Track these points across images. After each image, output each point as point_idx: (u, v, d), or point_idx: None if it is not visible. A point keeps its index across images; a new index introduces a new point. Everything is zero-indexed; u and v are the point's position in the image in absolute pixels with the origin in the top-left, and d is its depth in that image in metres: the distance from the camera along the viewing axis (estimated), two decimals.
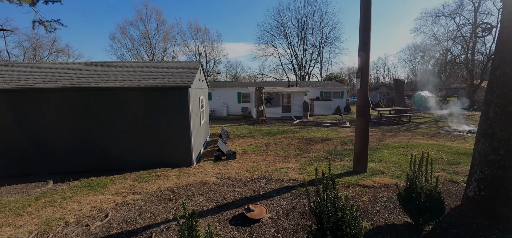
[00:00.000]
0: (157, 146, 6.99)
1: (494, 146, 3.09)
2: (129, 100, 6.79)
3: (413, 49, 42.86)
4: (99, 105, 6.72)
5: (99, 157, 6.84)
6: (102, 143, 6.81)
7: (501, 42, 3.05)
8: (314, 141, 10.30)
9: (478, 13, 23.98)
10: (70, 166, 6.73)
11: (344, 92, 24.67)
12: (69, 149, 6.73)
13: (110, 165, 6.82)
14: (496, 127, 3.07)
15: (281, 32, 40.74)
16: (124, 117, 6.82)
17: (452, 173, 5.55)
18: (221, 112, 21.87)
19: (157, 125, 6.91)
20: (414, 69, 50.82)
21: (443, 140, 10.14)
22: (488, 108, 3.19)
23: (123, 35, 40.23)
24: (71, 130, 6.68)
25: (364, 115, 5.55)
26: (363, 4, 5.27)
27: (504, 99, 2.99)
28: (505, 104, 2.98)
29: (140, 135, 6.92)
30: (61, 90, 6.49)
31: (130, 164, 6.84)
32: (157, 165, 6.83)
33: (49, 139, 6.62)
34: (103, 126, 6.77)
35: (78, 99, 6.64)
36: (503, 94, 3.00)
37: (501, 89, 3.01)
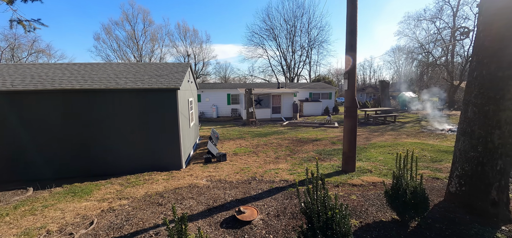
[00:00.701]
0: (145, 149, 6.81)
1: (473, 143, 3.26)
2: (115, 102, 6.58)
3: (397, 51, 44.50)
4: (83, 108, 6.46)
5: (83, 162, 6.57)
6: (86, 148, 6.55)
7: (478, 45, 3.22)
8: (304, 141, 10.42)
9: (457, 18, 25.29)
10: (52, 172, 6.42)
11: (332, 93, 25.17)
12: (50, 155, 6.42)
13: (96, 170, 6.56)
14: (475, 126, 3.24)
15: (270, 34, 41.05)
16: (110, 120, 6.60)
17: (435, 170, 5.79)
18: (210, 114, 21.67)
19: (144, 128, 6.74)
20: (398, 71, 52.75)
21: (426, 138, 10.57)
22: (467, 108, 3.36)
23: (108, 35, 38.96)
24: (53, 135, 6.37)
25: (351, 115, 5.68)
26: (349, 8, 5.41)
27: (481, 99, 3.15)
28: (482, 103, 3.15)
29: (127, 138, 6.71)
30: (42, 92, 6.19)
31: (117, 169, 6.62)
32: (145, 169, 6.64)
33: (28, 144, 6.28)
34: (87, 130, 6.51)
35: (59, 102, 6.35)
36: (480, 94, 3.17)
37: (479, 89, 3.18)
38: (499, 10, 2.96)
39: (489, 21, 3.07)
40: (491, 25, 3.04)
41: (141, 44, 40.46)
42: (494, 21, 3.02)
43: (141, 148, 6.79)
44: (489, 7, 3.07)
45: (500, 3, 2.95)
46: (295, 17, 40.17)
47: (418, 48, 29.81)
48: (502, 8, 2.94)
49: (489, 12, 3.06)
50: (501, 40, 2.96)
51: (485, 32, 3.11)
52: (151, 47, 41.44)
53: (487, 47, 3.09)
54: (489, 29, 3.07)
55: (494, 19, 3.02)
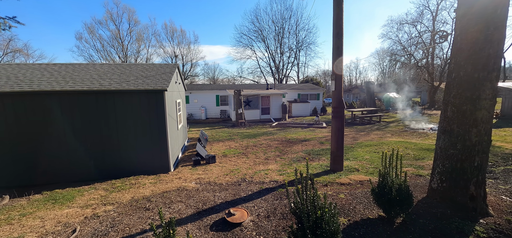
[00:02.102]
0: (131, 153, 6.60)
1: (453, 141, 3.42)
2: (99, 104, 6.33)
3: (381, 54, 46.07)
4: (64, 111, 6.16)
5: (65, 167, 6.26)
6: (69, 152, 6.25)
7: (456, 48, 3.40)
8: (293, 142, 10.52)
9: (436, 22, 26.61)
10: (31, 179, 6.06)
11: (320, 94, 25.63)
12: (29, 160, 6.06)
13: (79, 175, 6.28)
14: (454, 124, 3.41)
15: (259, 36, 41.21)
16: (95, 124, 6.34)
17: (418, 167, 6.03)
18: (199, 116, 21.38)
19: (130, 131, 6.53)
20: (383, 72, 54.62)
21: (409, 137, 11.00)
22: (446, 107, 3.53)
23: (91, 35, 37.40)
24: (32, 139, 6.03)
25: (339, 116, 5.81)
26: (335, 11, 5.54)
27: (459, 99, 3.33)
28: (460, 103, 3.32)
29: (113, 142, 6.48)
30: (19, 94, 5.84)
31: (102, 173, 6.36)
32: (131, 173, 6.44)
33: (4, 150, 5.90)
34: (70, 133, 6.21)
35: (39, 104, 6.02)
36: (458, 94, 3.34)
37: (457, 90, 3.35)
38: (474, 16, 3.14)
39: (465, 25, 3.25)
40: (467, 30, 3.22)
41: (126, 44, 39.22)
42: (469, 26, 3.19)
43: (127, 151, 6.57)
44: (465, 13, 3.25)
45: (475, 9, 3.13)
46: (283, 19, 40.64)
47: (400, 51, 31.03)
48: (476, 14, 3.12)
49: (465, 18, 3.24)
50: (476, 43, 3.13)
51: (462, 36, 3.28)
52: (137, 47, 40.26)
53: (464, 50, 3.26)
54: (466, 33, 3.24)
55: (469, 24, 3.19)
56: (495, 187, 4.32)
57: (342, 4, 5.50)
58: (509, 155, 6.79)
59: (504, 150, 7.31)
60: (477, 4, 3.12)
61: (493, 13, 3.00)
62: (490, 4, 3.01)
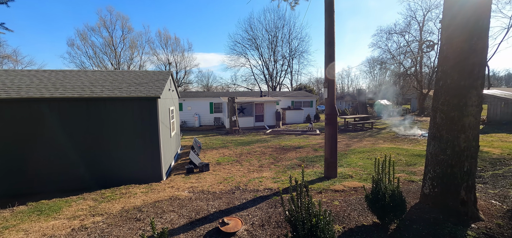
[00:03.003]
0: (123, 161, 6.43)
1: (442, 147, 3.50)
2: (90, 112, 6.18)
3: (372, 62, 47.30)
4: (53, 119, 5.98)
5: (53, 176, 6.03)
6: (57, 161, 6.04)
7: (442, 57, 3.52)
8: (287, 149, 10.53)
9: (423, 32, 27.67)
10: (16, 189, 5.80)
11: (313, 101, 25.93)
12: (15, 170, 5.81)
13: (67, 185, 6.05)
14: (443, 131, 3.49)
15: (253, 44, 41.68)
16: (85, 132, 6.17)
17: (410, 173, 6.12)
18: (192, 123, 21.19)
19: (122, 139, 6.39)
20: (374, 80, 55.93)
21: (401, 143, 11.20)
22: (435, 114, 3.63)
23: (84, 41, 36.85)
24: (18, 148, 5.80)
25: (332, 122, 5.87)
26: (327, 21, 5.68)
27: (447, 106, 3.42)
28: (448, 110, 3.42)
29: (103, 150, 6.31)
30: (6, 101, 5.64)
31: (91, 183, 6.15)
32: (122, 182, 6.25)
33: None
34: (59, 142, 6.02)
35: (26, 112, 5.83)
36: (446, 101, 3.44)
37: (445, 97, 3.46)
38: (458, 27, 3.28)
39: (450, 36, 3.38)
40: (452, 40, 3.35)
41: (119, 51, 38.83)
42: (454, 36, 3.33)
43: (118, 160, 6.41)
44: (450, 24, 3.39)
45: (459, 21, 3.27)
46: (277, 28, 41.32)
47: (390, 59, 31.97)
48: (460, 25, 3.26)
49: (450, 28, 3.38)
50: (461, 52, 3.26)
51: (448, 45, 3.41)
52: (130, 54, 39.90)
53: (450, 59, 3.38)
54: (451, 43, 3.37)
55: (454, 34, 3.33)
56: (485, 192, 4.42)
57: (333, 14, 5.65)
58: (496, 160, 7.00)
59: (491, 155, 7.52)
60: (460, 16, 3.26)
61: (475, 24, 3.14)
62: (472, 16, 3.15)
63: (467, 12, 3.19)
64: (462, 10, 3.25)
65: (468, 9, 3.19)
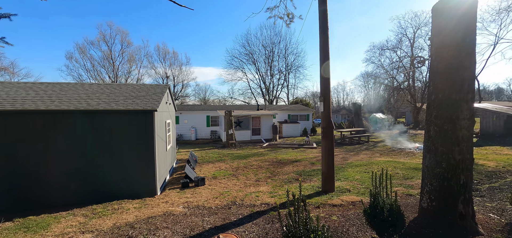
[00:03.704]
0: (116, 175, 6.29)
1: (438, 160, 3.52)
2: (85, 125, 6.11)
3: (366, 77, 48.33)
4: (48, 131, 5.89)
5: (43, 191, 5.84)
6: (49, 175, 5.87)
7: (433, 72, 3.63)
8: (284, 163, 10.45)
9: (414, 48, 28.63)
10: (3, 204, 5.57)
11: (309, 114, 26.13)
12: (4, 183, 5.62)
13: (58, 200, 5.85)
14: (437, 144, 3.52)
15: (250, 58, 42.48)
16: (79, 145, 6.07)
17: (407, 187, 6.09)
18: (189, 136, 21.03)
19: (117, 152, 6.28)
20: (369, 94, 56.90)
21: (397, 156, 11.23)
22: (429, 127, 3.68)
23: (82, 55, 37.10)
24: (9, 161, 5.64)
25: (328, 136, 5.89)
26: (321, 37, 5.85)
27: (440, 119, 3.48)
28: (441, 123, 3.47)
29: (97, 164, 6.18)
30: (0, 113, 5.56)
31: (83, 198, 5.96)
32: (115, 197, 6.07)
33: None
34: (51, 155, 5.89)
35: (20, 124, 5.73)
36: (439, 115, 3.50)
37: (437, 111, 3.52)
38: (446, 44, 3.41)
39: (439, 52, 3.51)
40: (441, 55, 3.47)
41: (117, 64, 39.11)
42: (443, 52, 3.45)
43: (112, 174, 6.26)
44: (438, 41, 3.52)
45: (447, 39, 3.41)
46: (273, 44, 42.37)
47: (384, 74, 32.76)
48: (448, 42, 3.39)
49: (439, 45, 3.51)
50: (451, 68, 3.36)
51: (437, 61, 3.53)
52: (128, 68, 40.18)
53: (440, 73, 3.48)
54: (440, 58, 3.49)
55: (443, 50, 3.45)
56: (483, 205, 4.40)
57: (327, 31, 5.84)
58: (492, 172, 7.04)
59: (487, 168, 7.57)
60: (447, 33, 3.40)
61: (462, 41, 3.28)
62: (458, 33, 3.29)
63: (454, 30, 3.33)
64: (448, 28, 3.39)
65: (454, 27, 3.33)
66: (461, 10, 3.05)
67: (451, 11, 3.32)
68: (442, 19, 3.46)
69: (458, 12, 3.21)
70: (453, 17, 3.30)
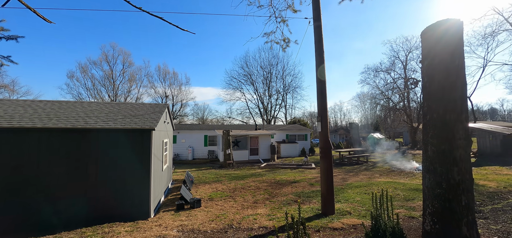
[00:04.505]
0: (110, 196, 6.08)
1: (438, 180, 3.47)
2: (81, 144, 6.03)
3: (362, 97, 49.17)
4: (42, 150, 5.78)
5: (32, 213, 5.59)
6: (38, 195, 5.66)
7: (426, 93, 3.70)
8: (282, 184, 10.24)
9: (407, 70, 29.47)
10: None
11: (307, 134, 26.12)
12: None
13: (45, 223, 5.58)
14: (436, 164, 3.50)
15: (248, 79, 43.24)
16: (73, 164, 5.93)
17: (409, 208, 5.94)
18: (186, 156, 20.74)
19: (112, 172, 6.14)
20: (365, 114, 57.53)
21: (397, 177, 11.08)
22: (426, 147, 3.68)
23: (84, 74, 37.57)
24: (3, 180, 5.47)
25: (327, 156, 5.84)
26: (317, 59, 6.04)
27: (437, 139, 3.49)
28: (438, 143, 3.48)
29: (91, 184, 6.00)
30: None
31: (72, 220, 5.71)
32: (106, 219, 5.83)
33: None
34: (44, 174, 5.72)
35: (15, 142, 5.64)
36: (435, 135, 3.52)
37: (433, 130, 3.54)
38: (437, 66, 3.52)
39: (431, 74, 3.61)
40: (433, 77, 3.57)
41: (118, 84, 39.52)
42: (434, 74, 3.55)
43: (105, 195, 6.06)
44: (428, 64, 3.65)
45: (436, 61, 3.54)
46: (271, 65, 43.42)
47: (379, 95, 33.35)
48: (438, 64, 3.51)
49: (430, 67, 3.63)
50: (443, 89, 3.45)
51: (429, 82, 3.62)
52: (128, 87, 40.57)
53: (433, 94, 3.56)
54: (432, 80, 3.59)
55: (434, 72, 3.56)
56: (487, 228, 4.28)
57: (323, 54, 6.03)
58: (493, 193, 6.93)
59: (488, 189, 7.47)
60: (437, 57, 3.54)
61: (451, 63, 3.39)
62: (447, 55, 3.42)
63: (442, 53, 3.46)
64: (436, 50, 3.53)
65: (442, 50, 3.47)
66: (448, 34, 3.21)
67: (439, 35, 3.48)
68: (431, 43, 3.61)
69: (445, 36, 3.37)
70: (440, 41, 3.45)
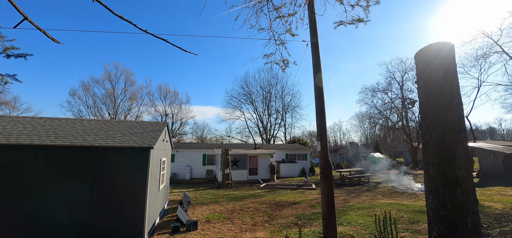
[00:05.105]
0: (101, 218, 5.87)
1: (441, 201, 3.38)
2: (78, 161, 5.94)
3: (361, 116, 49.45)
4: (39, 167, 5.67)
5: (22, 229, 5.35)
6: (27, 216, 5.45)
7: (423, 112, 3.73)
8: (282, 205, 9.96)
9: (404, 90, 29.97)
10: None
11: (307, 154, 25.87)
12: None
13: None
14: (438, 184, 3.43)
15: (248, 98, 43.71)
16: (69, 183, 5.79)
17: (415, 232, 5.74)
18: (183, 176, 20.34)
19: (107, 191, 5.98)
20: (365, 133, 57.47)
21: (400, 198, 10.82)
22: (427, 167, 3.62)
23: (86, 92, 37.98)
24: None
25: (327, 176, 5.74)
26: (316, 80, 6.16)
27: (437, 158, 3.45)
28: (439, 162, 3.43)
29: (84, 204, 5.81)
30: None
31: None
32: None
33: None
34: (36, 193, 5.56)
35: (11, 159, 5.54)
36: (435, 154, 3.48)
37: (433, 150, 3.51)
38: (431, 86, 3.59)
39: (426, 93, 3.66)
40: (429, 97, 3.61)
41: (119, 102, 39.81)
42: (430, 94, 3.60)
43: (97, 215, 5.85)
44: (423, 85, 3.71)
45: (430, 81, 3.61)
46: (270, 85, 44.14)
47: (377, 114, 33.57)
48: (432, 84, 3.57)
49: (425, 87, 3.69)
50: (439, 108, 3.47)
51: (426, 102, 3.66)
52: (129, 105, 40.82)
53: (430, 114, 3.58)
54: (428, 100, 3.63)
55: (429, 92, 3.61)
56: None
57: (321, 76, 6.16)
58: (500, 215, 6.74)
59: (494, 210, 7.27)
60: (431, 77, 3.61)
61: (445, 83, 3.44)
62: (440, 75, 3.48)
63: (435, 73, 3.54)
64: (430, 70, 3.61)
65: (436, 70, 3.55)
66: (440, 55, 3.30)
67: (431, 56, 3.57)
68: (424, 64, 3.70)
69: (437, 57, 3.45)
70: (433, 61, 3.54)
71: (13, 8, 1.65)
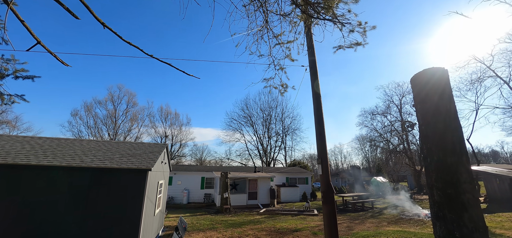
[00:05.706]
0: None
1: (449, 228, 3.24)
2: (74, 183, 5.80)
3: (361, 139, 49.19)
4: (32, 188, 5.53)
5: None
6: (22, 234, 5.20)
7: (423, 136, 3.72)
8: (283, 233, 9.53)
9: (403, 113, 30.17)
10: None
11: (308, 178, 25.34)
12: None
13: None
14: (445, 210, 3.31)
15: (248, 121, 43.87)
16: (61, 205, 5.60)
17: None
18: (180, 199, 19.73)
19: (100, 216, 5.76)
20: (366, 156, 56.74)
21: (407, 226, 10.37)
22: (432, 191, 3.52)
23: (87, 112, 38.28)
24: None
25: (329, 201, 5.57)
26: (315, 103, 6.24)
27: (441, 182, 3.37)
28: (443, 187, 3.34)
29: (77, 227, 5.57)
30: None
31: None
32: None
33: None
34: (26, 216, 5.36)
35: (5, 179, 5.42)
36: (439, 178, 3.41)
37: (436, 174, 3.45)
38: (428, 108, 3.62)
39: (425, 116, 3.69)
40: (427, 120, 3.63)
41: (119, 123, 39.93)
42: (428, 116, 3.62)
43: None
44: (421, 108, 3.76)
45: (427, 105, 3.66)
46: (270, 108, 44.57)
47: (378, 137, 33.45)
48: (429, 107, 3.61)
49: (422, 111, 3.73)
50: (438, 131, 3.46)
51: (425, 125, 3.67)
52: (129, 126, 40.89)
53: (430, 137, 3.57)
54: (427, 123, 3.64)
55: (427, 115, 3.64)
56: None
57: (320, 98, 6.26)
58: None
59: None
60: (427, 100, 3.66)
61: (442, 106, 3.49)
62: (436, 98, 3.53)
63: (431, 96, 3.59)
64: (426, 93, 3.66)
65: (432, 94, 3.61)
66: (434, 78, 3.38)
67: (426, 80, 3.65)
68: (420, 87, 3.77)
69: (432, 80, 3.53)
70: (428, 85, 3.61)
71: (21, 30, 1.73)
